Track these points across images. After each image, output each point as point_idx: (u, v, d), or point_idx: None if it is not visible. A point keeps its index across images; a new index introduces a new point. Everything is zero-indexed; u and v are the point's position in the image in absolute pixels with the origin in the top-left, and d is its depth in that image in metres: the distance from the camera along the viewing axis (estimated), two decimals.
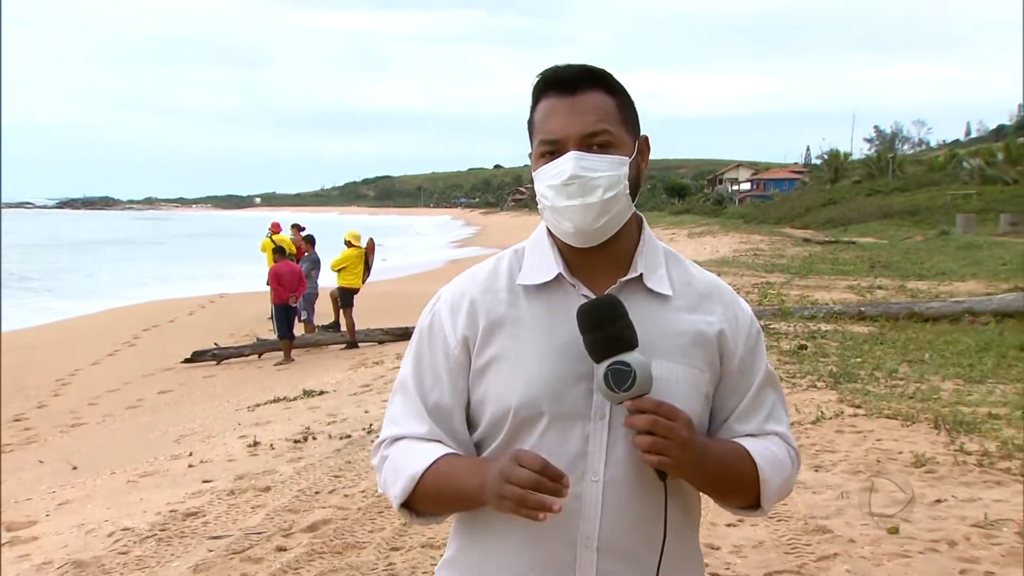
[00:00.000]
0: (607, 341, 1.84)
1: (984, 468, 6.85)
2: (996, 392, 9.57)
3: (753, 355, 2.05)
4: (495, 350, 1.98)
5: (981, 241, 30.21)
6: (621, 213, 1.96)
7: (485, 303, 2.01)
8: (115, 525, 6.81)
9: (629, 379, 1.81)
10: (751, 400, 2.04)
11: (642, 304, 1.95)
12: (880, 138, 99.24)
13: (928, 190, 54.54)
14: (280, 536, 6.20)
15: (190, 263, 46.99)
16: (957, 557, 5.30)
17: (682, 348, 1.96)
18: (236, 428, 10.34)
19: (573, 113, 1.93)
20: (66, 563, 6.02)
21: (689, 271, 2.07)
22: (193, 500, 7.28)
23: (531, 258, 2.05)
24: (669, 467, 1.84)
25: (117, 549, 6.22)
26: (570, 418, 1.92)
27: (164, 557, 6.01)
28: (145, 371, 16.28)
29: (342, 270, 18.17)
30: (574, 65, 1.99)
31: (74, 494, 8.24)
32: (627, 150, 1.97)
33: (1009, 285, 18.72)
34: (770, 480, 1.99)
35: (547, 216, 1.99)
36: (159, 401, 13.78)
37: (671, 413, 1.82)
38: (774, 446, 2.03)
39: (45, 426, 12.38)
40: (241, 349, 17.43)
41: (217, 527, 6.52)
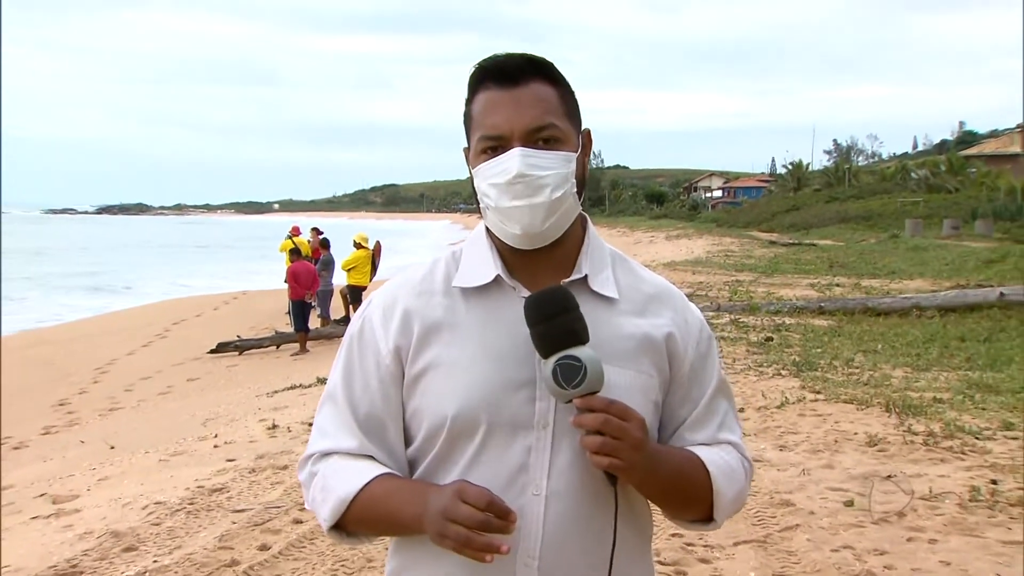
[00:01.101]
0: (557, 333, 1.57)
1: (929, 447, 6.87)
2: (940, 379, 9.60)
3: (705, 361, 1.78)
4: (429, 358, 1.69)
5: (927, 244, 30.26)
6: (568, 213, 1.69)
7: (419, 308, 1.72)
8: (149, 499, 6.82)
9: (580, 374, 1.55)
10: (704, 408, 1.77)
11: (587, 307, 1.64)
12: (838, 150, 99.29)
13: (880, 198, 54.52)
14: (296, 510, 6.20)
15: (217, 263, 46.92)
16: (906, 527, 5.32)
17: (629, 353, 1.68)
18: (257, 412, 10.34)
19: (517, 106, 1.65)
20: (105, 533, 6.02)
21: (637, 273, 1.80)
22: (218, 477, 7.28)
23: (468, 259, 1.75)
24: (620, 470, 1.57)
25: (151, 521, 6.23)
26: (510, 428, 1.64)
27: (192, 528, 6.01)
28: (175, 361, 16.28)
29: (352, 269, 18.22)
30: (515, 54, 1.70)
31: (112, 471, 8.24)
32: (572, 145, 1.70)
33: (951, 283, 18.77)
34: (724, 491, 1.72)
35: (490, 217, 1.70)
36: (187, 388, 13.78)
37: (623, 412, 1.56)
38: (728, 456, 1.77)
39: (86, 410, 12.39)
40: (261, 341, 17.43)
41: (240, 501, 6.53)
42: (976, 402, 8.38)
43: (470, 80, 1.72)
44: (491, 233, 1.75)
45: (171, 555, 5.48)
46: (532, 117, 1.64)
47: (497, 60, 1.70)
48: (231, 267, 42.74)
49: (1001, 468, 6.31)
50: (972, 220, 36.78)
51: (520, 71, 1.67)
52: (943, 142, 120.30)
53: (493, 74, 1.68)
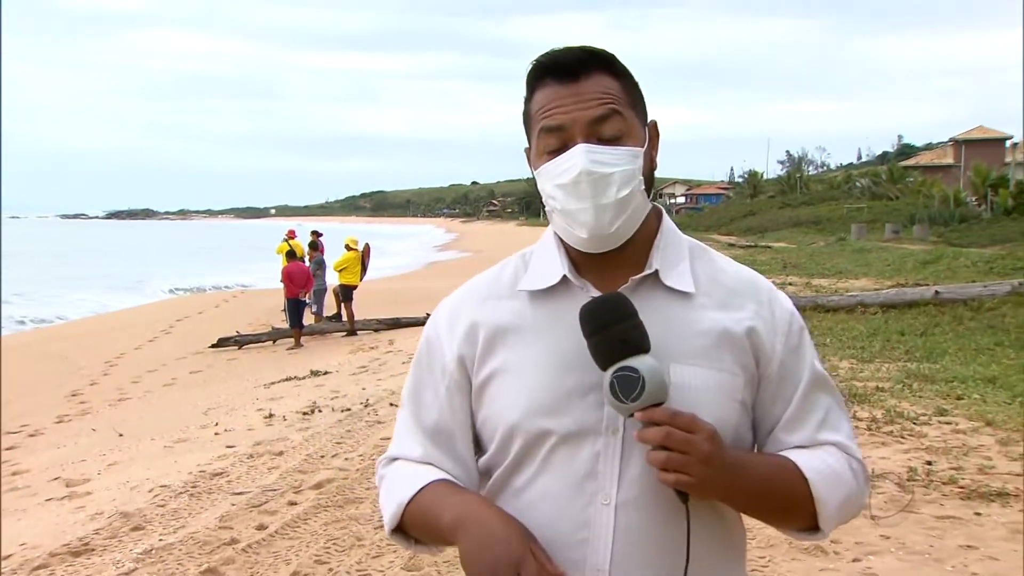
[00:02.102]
0: (611, 344, 1.37)
1: (872, 431, 6.92)
2: (882, 369, 9.66)
3: (796, 355, 1.52)
4: (495, 364, 1.51)
5: (871, 246, 30.42)
6: (637, 212, 1.48)
7: (484, 315, 1.54)
8: (154, 483, 6.80)
9: (637, 387, 1.34)
10: (798, 406, 1.50)
11: (660, 304, 1.47)
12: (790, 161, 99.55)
13: (828, 204, 54.75)
14: (292, 492, 6.20)
15: (219, 264, 46.67)
16: None
17: (706, 350, 1.45)
18: (254, 402, 10.31)
19: (577, 100, 1.45)
20: (114, 514, 6.01)
21: (717, 265, 1.56)
22: (219, 462, 7.27)
23: (537, 261, 1.57)
24: (689, 486, 1.35)
25: (156, 502, 6.21)
26: (578, 434, 1.44)
27: (195, 509, 6.00)
28: (179, 355, 16.18)
29: (343, 270, 18.17)
30: (574, 47, 1.50)
31: (121, 457, 8.21)
32: (639, 139, 1.49)
33: (892, 282, 18.89)
34: (827, 498, 1.45)
35: (556, 221, 1.51)
36: (190, 380, 13.70)
37: (689, 424, 1.34)
38: (830, 458, 1.49)
39: (97, 400, 12.30)
40: (259, 336, 17.34)
41: (239, 485, 6.52)
42: (914, 391, 8.45)
43: (528, 77, 1.52)
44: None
45: (175, 534, 5.47)
46: (595, 111, 1.45)
47: (555, 54, 1.50)
48: (231, 268, 42.49)
49: (935, 450, 6.37)
50: (910, 225, 37.01)
51: (580, 64, 1.47)
52: (884, 154, 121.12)
53: (551, 69, 1.49)
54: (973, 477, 5.75)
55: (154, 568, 4.90)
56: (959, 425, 7.09)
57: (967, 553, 4.60)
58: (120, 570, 4.92)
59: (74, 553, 5.29)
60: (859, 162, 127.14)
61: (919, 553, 4.61)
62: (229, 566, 4.87)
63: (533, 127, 1.51)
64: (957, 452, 6.32)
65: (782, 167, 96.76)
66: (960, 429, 6.97)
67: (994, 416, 7.30)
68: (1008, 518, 5.06)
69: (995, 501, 5.32)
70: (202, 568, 4.84)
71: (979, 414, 7.41)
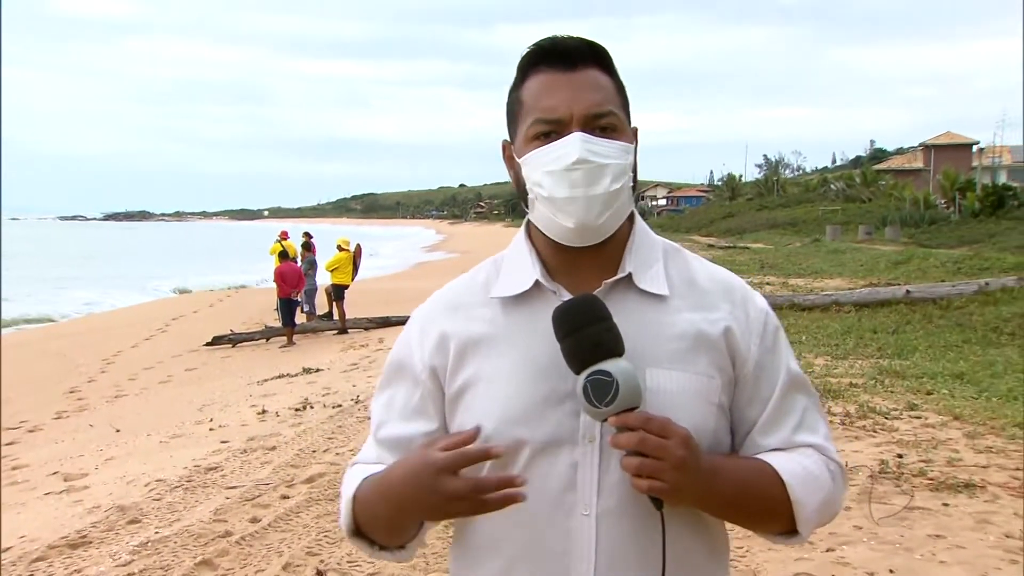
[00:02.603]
0: (584, 347, 1.30)
1: (846, 426, 6.96)
2: (856, 366, 9.72)
3: (772, 355, 1.45)
4: (468, 374, 1.43)
5: (845, 247, 30.55)
6: (623, 208, 1.40)
7: (456, 325, 1.46)
8: (151, 477, 6.77)
9: (611, 391, 1.27)
10: (775, 408, 1.43)
11: (634, 307, 1.39)
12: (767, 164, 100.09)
13: (804, 206, 54.94)
14: (284, 487, 6.19)
15: (213, 264, 46.51)
16: None
17: (682, 353, 1.38)
18: (248, 399, 10.28)
19: (577, 89, 1.37)
20: (112, 507, 5.98)
21: (691, 266, 1.49)
22: (213, 457, 7.25)
23: (509, 267, 1.48)
24: (662, 492, 1.28)
25: (152, 496, 6.19)
26: (554, 444, 1.37)
27: (190, 503, 5.99)
28: (174, 352, 16.12)
29: (335, 270, 18.14)
30: (573, 37, 1.42)
31: (118, 452, 8.18)
32: (628, 137, 1.42)
33: (865, 282, 19.00)
34: (805, 501, 1.38)
35: (540, 210, 1.40)
36: (185, 377, 13.65)
37: (663, 429, 1.27)
38: (807, 460, 1.41)
39: (94, 397, 12.25)
40: (252, 334, 17.29)
41: (233, 479, 6.50)
42: (886, 386, 8.49)
43: (521, 62, 1.43)
44: (531, 235, 1.48)
45: (171, 527, 5.45)
46: (593, 102, 1.38)
47: (555, 41, 1.41)
48: (227, 268, 42.34)
49: (906, 444, 6.41)
50: (883, 226, 37.19)
51: (580, 54, 1.40)
52: (857, 158, 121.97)
53: (550, 55, 1.40)
54: (941, 469, 5.79)
55: (150, 560, 4.88)
56: (928, 419, 7.14)
57: (936, 542, 4.64)
58: (117, 562, 4.90)
59: (72, 545, 5.26)
60: (833, 166, 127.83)
61: (890, 543, 4.64)
62: (223, 558, 4.85)
63: (523, 113, 1.41)
64: (926, 445, 6.36)
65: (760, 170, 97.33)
66: (929, 423, 7.02)
67: (962, 411, 7.36)
68: (974, 508, 5.11)
69: (962, 492, 5.36)
70: (197, 560, 4.83)
71: (947, 409, 7.46)
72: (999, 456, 6.09)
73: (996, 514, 5.01)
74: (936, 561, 4.41)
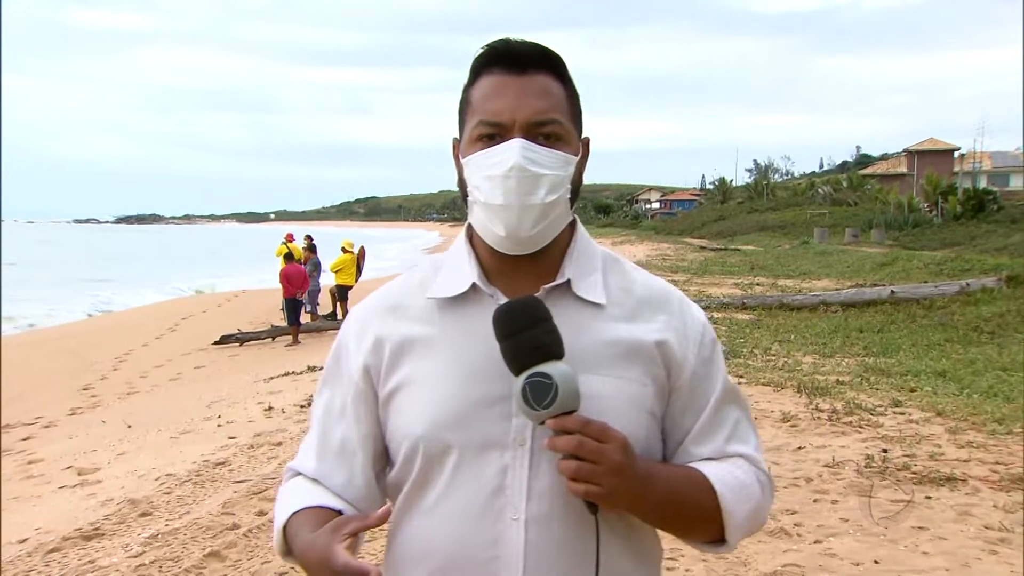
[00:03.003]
0: (525, 349, 1.24)
1: (833, 422, 6.98)
2: (842, 364, 9.74)
3: (708, 367, 1.40)
4: (402, 376, 1.37)
5: (832, 249, 30.58)
6: (559, 219, 1.35)
7: (392, 325, 1.40)
8: (161, 471, 6.77)
9: (550, 393, 1.22)
10: (709, 418, 1.39)
11: (571, 314, 1.34)
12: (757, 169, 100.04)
13: (793, 209, 54.94)
14: None
15: (222, 266, 46.46)
16: (812, 490, 5.41)
17: (615, 360, 1.34)
18: (255, 396, 10.27)
19: (523, 95, 1.32)
20: (123, 500, 5.98)
21: (630, 276, 1.43)
22: (221, 452, 7.25)
23: (447, 268, 1.42)
24: (598, 497, 1.23)
25: (163, 490, 6.19)
26: (483, 448, 1.31)
27: (199, 496, 5.99)
28: (184, 351, 16.11)
29: (339, 271, 18.16)
30: (528, 42, 1.36)
31: (129, 447, 8.17)
32: (574, 147, 1.36)
33: (852, 283, 19.05)
34: (734, 510, 1.34)
35: (476, 213, 1.36)
36: (195, 375, 13.65)
37: (601, 433, 1.23)
38: (738, 470, 1.38)
39: (107, 394, 12.24)
40: (259, 334, 17.27)
41: (240, 473, 6.50)
42: (871, 383, 8.52)
43: (474, 63, 1.37)
44: (471, 237, 1.43)
45: (181, 520, 5.46)
46: (538, 109, 1.32)
47: (508, 44, 1.35)
48: (235, 270, 42.30)
49: (891, 439, 6.42)
50: (869, 229, 37.22)
51: (531, 60, 1.34)
52: (844, 163, 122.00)
53: (502, 58, 1.34)
54: (924, 463, 5.80)
55: (161, 552, 4.89)
56: (912, 415, 7.16)
57: (919, 534, 4.65)
58: (129, 553, 4.90)
59: (86, 537, 5.27)
60: (821, 171, 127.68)
61: (875, 535, 4.66)
62: (231, 550, 4.86)
63: (470, 113, 1.36)
64: (910, 440, 6.38)
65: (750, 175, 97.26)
66: (913, 419, 7.03)
67: (944, 407, 7.38)
68: (956, 501, 5.12)
69: (944, 486, 5.38)
70: (206, 551, 4.83)
71: (930, 405, 7.49)
72: (979, 451, 6.11)
73: (977, 506, 5.03)
74: (919, 552, 4.42)
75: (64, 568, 4.79)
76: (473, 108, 1.35)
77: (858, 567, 4.27)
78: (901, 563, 4.30)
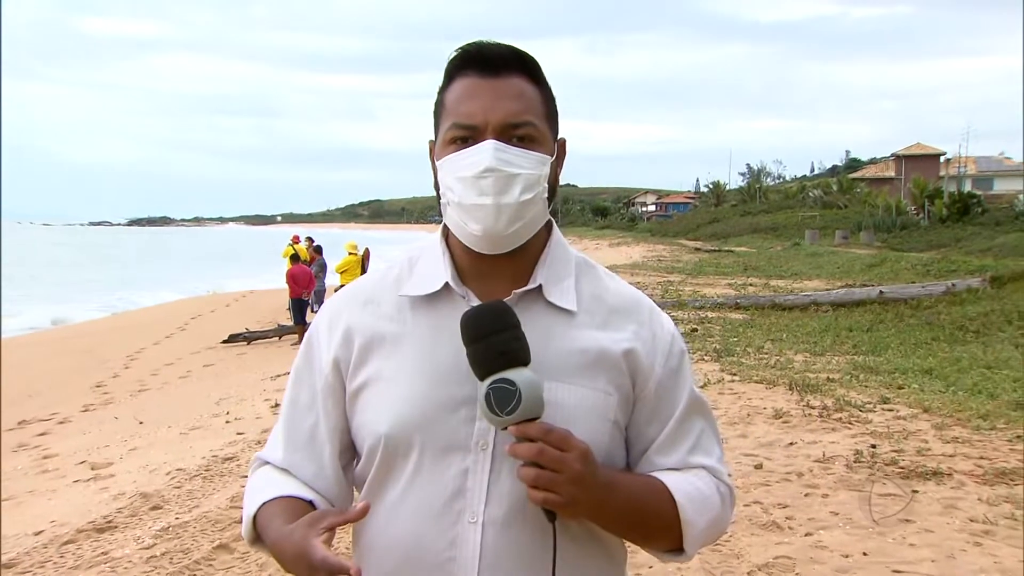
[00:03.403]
0: (490, 354, 1.21)
1: (823, 418, 6.97)
2: (832, 362, 9.74)
3: (675, 378, 1.36)
4: (369, 372, 1.34)
5: (823, 250, 30.60)
6: (536, 219, 1.32)
7: (363, 320, 1.36)
8: (171, 466, 6.78)
9: (513, 400, 1.18)
10: (673, 429, 1.36)
11: (540, 319, 1.30)
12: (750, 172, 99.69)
13: (785, 212, 54.97)
14: None
15: (229, 267, 46.43)
16: (804, 484, 5.41)
17: (581, 368, 1.30)
18: (262, 393, 10.28)
19: (495, 97, 1.28)
20: (135, 494, 5.99)
21: (603, 283, 1.40)
22: (230, 448, 7.25)
23: (422, 266, 1.38)
24: (557, 505, 1.20)
25: (173, 484, 6.20)
26: (446, 449, 1.28)
27: (208, 491, 5.99)
28: (193, 349, 16.12)
29: (344, 272, 18.15)
30: (502, 44, 1.32)
31: (141, 442, 8.18)
32: (548, 148, 1.33)
33: (842, 283, 19.06)
34: (694, 521, 1.31)
35: (451, 214, 1.32)
36: (204, 372, 13.65)
37: (562, 442, 1.20)
38: (700, 481, 1.35)
39: (119, 391, 12.24)
40: (266, 333, 17.28)
41: (248, 468, 6.47)
42: (860, 381, 8.51)
43: (448, 65, 1.33)
44: (446, 237, 1.39)
45: (190, 513, 5.46)
46: (510, 111, 1.28)
47: (481, 47, 1.32)
48: (242, 271, 42.26)
49: (879, 435, 6.42)
50: (858, 231, 37.25)
51: (504, 62, 1.30)
52: (834, 167, 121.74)
53: (475, 61, 1.31)
54: (912, 458, 5.81)
55: (171, 544, 4.89)
56: (900, 412, 7.16)
57: (906, 526, 4.66)
58: (140, 545, 4.91)
59: (99, 529, 5.28)
60: (812, 174, 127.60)
61: (864, 527, 4.66)
62: (239, 543, 4.86)
63: (444, 116, 1.32)
64: (898, 436, 6.38)
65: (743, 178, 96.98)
66: (901, 415, 7.04)
67: (931, 403, 7.38)
68: (942, 494, 5.13)
69: (931, 480, 5.38)
70: (215, 544, 4.84)
71: (918, 402, 7.49)
72: (965, 446, 6.11)
73: (962, 500, 5.03)
74: (906, 544, 4.42)
75: (78, 559, 4.80)
76: (447, 110, 1.32)
77: (847, 559, 4.27)
78: (889, 555, 4.30)
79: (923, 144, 67.27)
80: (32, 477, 7.34)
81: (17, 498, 6.60)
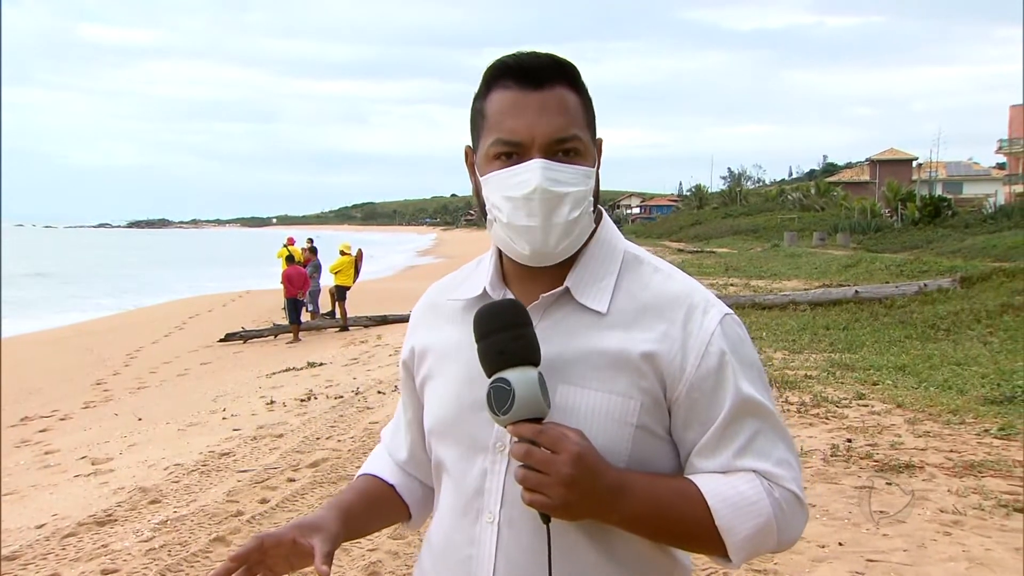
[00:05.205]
0: (490, 353, 1.18)
1: (801, 414, 7.01)
2: (810, 359, 9.78)
3: (715, 379, 1.23)
4: (424, 371, 1.38)
5: (801, 252, 30.69)
6: (583, 233, 1.26)
7: (428, 321, 1.40)
8: (169, 461, 6.76)
9: (508, 399, 1.14)
10: (717, 432, 1.23)
11: (567, 321, 1.25)
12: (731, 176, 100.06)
13: (765, 214, 55.12)
14: (290, 471, 6.19)
15: (226, 268, 46.25)
16: None
17: (599, 371, 1.22)
18: (258, 390, 10.25)
19: (541, 112, 1.21)
20: (134, 489, 5.97)
21: (643, 280, 1.29)
22: (226, 444, 7.24)
23: (478, 270, 1.37)
24: (544, 507, 1.15)
25: (171, 479, 6.18)
26: (472, 449, 1.28)
27: (205, 485, 5.98)
28: (191, 348, 16.05)
29: (338, 272, 18.11)
30: (541, 54, 1.25)
31: (139, 438, 8.15)
32: (591, 158, 1.26)
33: (819, 283, 19.11)
34: (734, 527, 1.19)
35: (498, 232, 1.26)
36: (201, 370, 13.60)
37: (554, 443, 1.14)
38: (744, 485, 1.21)
39: (119, 388, 12.18)
40: (261, 331, 17.22)
41: (244, 464, 6.50)
42: (837, 377, 8.55)
43: (486, 75, 1.27)
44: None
45: (188, 507, 5.45)
46: (557, 126, 1.22)
47: (521, 58, 1.25)
48: (239, 271, 42.10)
49: (855, 430, 6.46)
50: (835, 233, 37.39)
51: (546, 73, 1.23)
52: (812, 171, 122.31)
53: (515, 72, 1.23)
54: (886, 452, 5.85)
55: (169, 537, 4.88)
56: (875, 407, 7.20)
57: (880, 518, 4.68)
58: (140, 538, 4.89)
59: (99, 523, 5.26)
60: (790, 178, 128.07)
61: (840, 519, 4.69)
62: (235, 535, 4.85)
63: (485, 129, 1.26)
64: (873, 431, 6.42)
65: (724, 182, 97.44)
66: (875, 411, 7.08)
67: (904, 399, 7.43)
68: (914, 487, 5.16)
69: (904, 472, 5.42)
70: (212, 537, 4.83)
71: (891, 398, 7.53)
72: (936, 440, 6.15)
73: (933, 491, 5.07)
74: (880, 535, 4.45)
75: (79, 552, 4.78)
76: (489, 124, 1.25)
77: (824, 549, 4.30)
78: (863, 545, 4.33)
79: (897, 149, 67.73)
80: (34, 472, 7.30)
81: (19, 492, 6.56)
